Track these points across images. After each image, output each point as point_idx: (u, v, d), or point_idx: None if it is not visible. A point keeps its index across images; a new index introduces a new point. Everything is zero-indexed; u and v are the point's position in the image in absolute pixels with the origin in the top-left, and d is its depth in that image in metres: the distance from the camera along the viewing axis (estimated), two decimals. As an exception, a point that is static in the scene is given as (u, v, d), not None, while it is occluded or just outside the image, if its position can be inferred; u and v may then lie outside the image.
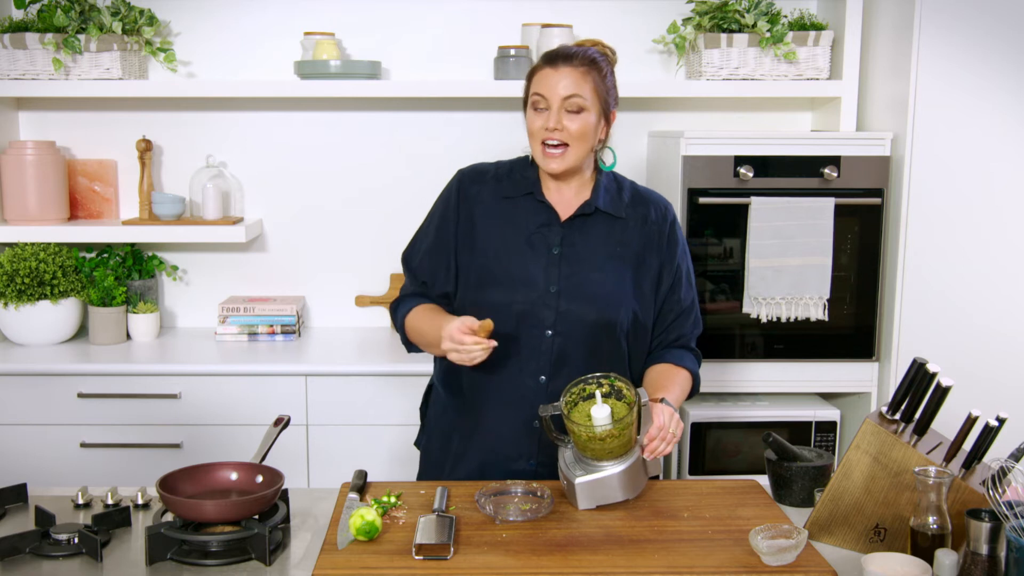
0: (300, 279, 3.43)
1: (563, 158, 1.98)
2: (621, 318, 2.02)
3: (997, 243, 2.85)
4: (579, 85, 1.95)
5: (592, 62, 1.98)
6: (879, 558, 1.56)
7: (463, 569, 1.60)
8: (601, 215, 2.06)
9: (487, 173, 2.11)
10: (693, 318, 2.14)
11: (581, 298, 2.00)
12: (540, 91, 1.97)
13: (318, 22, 3.28)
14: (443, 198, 2.13)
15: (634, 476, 1.83)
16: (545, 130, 1.97)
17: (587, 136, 1.98)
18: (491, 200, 2.07)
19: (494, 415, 2.04)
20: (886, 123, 2.96)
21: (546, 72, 1.97)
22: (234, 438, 2.88)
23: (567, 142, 1.97)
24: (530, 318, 2.00)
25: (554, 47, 2.06)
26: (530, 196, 2.06)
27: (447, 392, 2.13)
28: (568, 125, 1.96)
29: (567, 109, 1.95)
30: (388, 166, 3.37)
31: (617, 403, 1.85)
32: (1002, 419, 1.68)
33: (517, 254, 2.03)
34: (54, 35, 3.02)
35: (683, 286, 2.11)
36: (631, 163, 3.27)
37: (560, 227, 2.04)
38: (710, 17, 3.07)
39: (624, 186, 2.13)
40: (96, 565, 1.64)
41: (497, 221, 2.05)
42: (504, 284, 2.01)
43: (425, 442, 2.22)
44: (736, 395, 3.05)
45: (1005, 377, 2.87)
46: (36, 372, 2.88)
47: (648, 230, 2.08)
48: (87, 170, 3.30)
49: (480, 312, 1.95)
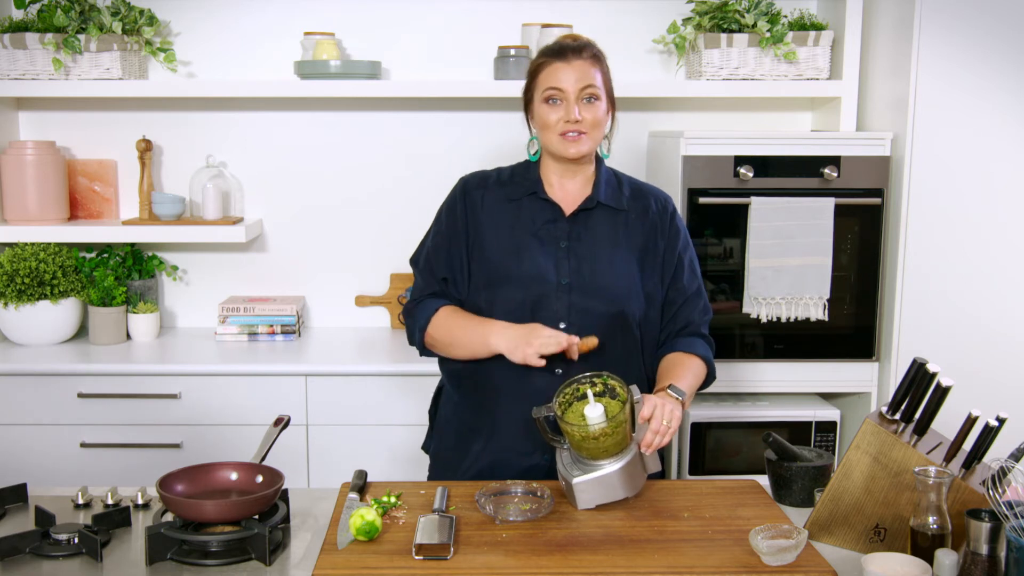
0: (300, 279, 3.43)
1: (583, 144, 2.02)
2: (632, 309, 2.05)
3: (997, 243, 2.85)
4: (592, 75, 2.01)
5: (597, 54, 2.05)
6: (879, 558, 1.56)
7: (463, 569, 1.60)
8: (603, 208, 2.09)
9: (489, 178, 2.15)
10: (701, 305, 2.16)
11: (592, 290, 2.03)
12: (556, 85, 2.00)
13: (318, 22, 3.28)
14: (448, 204, 2.15)
15: (632, 473, 1.83)
16: (565, 122, 2.00)
17: (601, 124, 2.04)
18: (496, 203, 2.10)
19: (509, 409, 2.05)
20: (886, 123, 2.96)
21: (557, 66, 2.01)
22: (234, 438, 2.88)
23: (584, 131, 2.01)
24: (543, 311, 2.02)
25: (551, 43, 2.08)
26: (534, 195, 2.09)
27: (460, 391, 2.14)
28: (585, 115, 2.00)
29: (582, 99, 2.00)
30: (388, 166, 3.37)
31: (611, 402, 1.85)
32: (1002, 419, 1.68)
33: (526, 250, 2.06)
34: (54, 35, 3.02)
35: (686, 273, 2.13)
36: (631, 163, 3.27)
37: (566, 222, 2.07)
38: (710, 17, 3.07)
39: (623, 181, 2.17)
40: (96, 565, 1.64)
41: (503, 222, 2.08)
42: (516, 280, 2.04)
43: (436, 444, 2.23)
44: (736, 395, 3.05)
45: (1005, 377, 2.87)
46: (36, 372, 2.88)
47: (650, 222, 2.11)
48: (87, 170, 3.30)
49: (491, 309, 2.02)
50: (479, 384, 2.09)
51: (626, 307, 2.04)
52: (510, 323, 2.00)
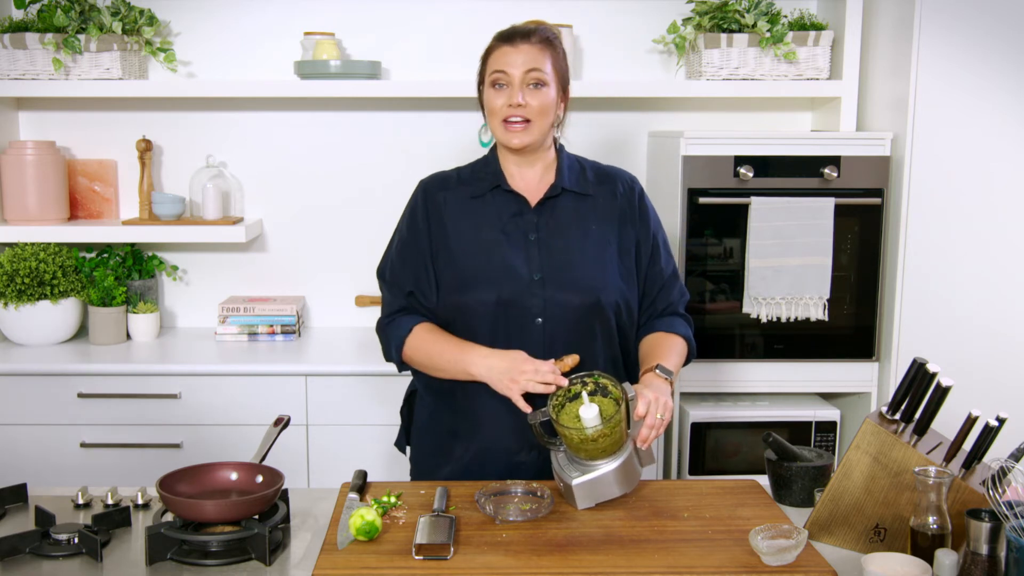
0: (300, 279, 3.43)
1: (526, 133, 1.99)
2: (607, 298, 2.02)
3: (997, 243, 2.85)
4: (539, 60, 1.98)
5: (548, 39, 2.02)
6: (879, 558, 1.56)
7: (463, 569, 1.60)
8: (569, 195, 2.07)
9: (450, 179, 2.12)
10: (678, 287, 2.15)
11: (566, 282, 2.01)
12: (501, 68, 1.98)
13: (318, 22, 3.28)
14: (409, 209, 2.12)
15: (629, 470, 1.84)
16: (508, 107, 1.98)
17: (548, 111, 2.00)
18: (459, 203, 2.07)
19: (491, 409, 2.02)
20: (886, 123, 2.96)
21: (505, 50, 2.00)
22: (234, 438, 2.88)
23: (529, 118, 1.98)
24: (518, 308, 2.00)
25: (505, 28, 2.07)
26: (497, 189, 2.07)
27: (435, 396, 2.11)
28: (530, 101, 1.97)
29: (528, 84, 1.97)
30: (388, 166, 3.37)
31: (604, 400, 1.85)
32: (1002, 419, 1.68)
33: (495, 247, 2.03)
34: (54, 35, 3.02)
35: (662, 255, 2.12)
36: (631, 163, 3.27)
37: (532, 213, 2.05)
38: (710, 17, 3.07)
39: (586, 165, 2.14)
40: (96, 565, 1.64)
41: (469, 221, 2.05)
42: (487, 279, 2.01)
43: (414, 449, 2.20)
44: (736, 395, 3.05)
45: (1005, 377, 2.87)
46: (36, 372, 2.88)
47: (618, 204, 2.09)
48: (87, 170, 3.30)
49: (465, 311, 1.99)
50: (457, 385, 2.05)
51: (602, 295, 2.01)
52: (491, 350, 1.96)
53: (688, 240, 2.89)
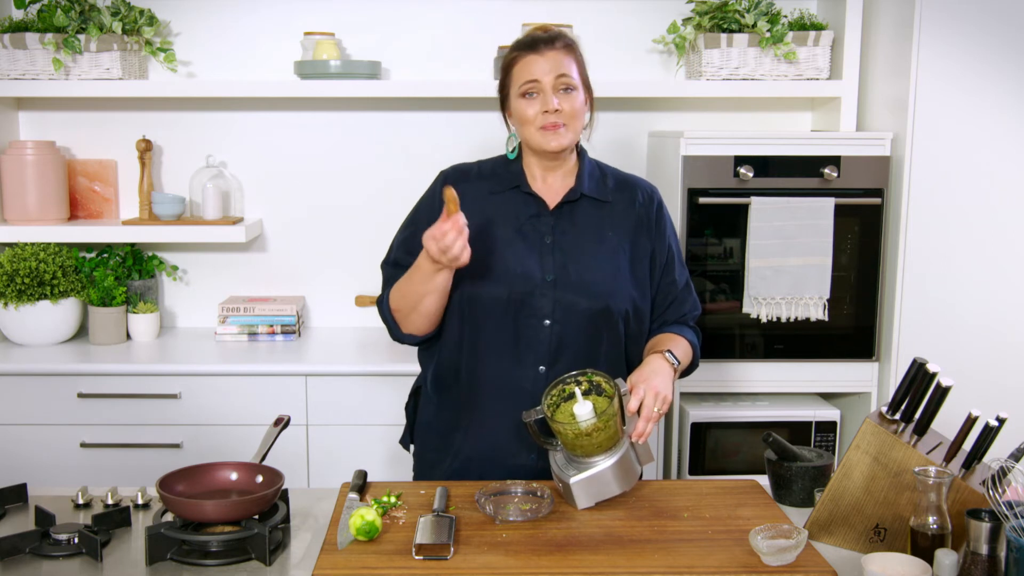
0: (300, 279, 3.43)
1: (563, 136, 1.99)
2: (618, 304, 2.03)
3: (997, 243, 2.85)
4: (566, 65, 1.98)
5: (570, 44, 2.02)
6: (879, 558, 1.56)
7: (463, 569, 1.60)
8: (588, 200, 2.07)
9: (470, 172, 2.12)
10: (691, 300, 2.15)
11: (578, 286, 2.01)
12: (531, 77, 1.98)
13: (318, 22, 3.28)
14: (428, 197, 2.13)
15: (627, 467, 1.84)
16: (544, 114, 1.97)
17: (580, 114, 2.01)
18: (478, 197, 2.06)
19: (494, 409, 2.03)
20: (886, 123, 2.96)
21: (531, 58, 1.99)
22: (234, 438, 2.88)
23: (565, 122, 1.98)
24: (528, 308, 2.00)
25: (522, 36, 2.06)
26: (516, 189, 2.07)
27: (440, 392, 2.11)
28: (563, 105, 1.97)
29: (559, 89, 1.97)
30: (388, 166, 3.37)
31: (598, 398, 1.85)
32: (1002, 419, 1.68)
33: (510, 246, 2.03)
34: (54, 35, 3.02)
35: (676, 267, 2.12)
36: (631, 163, 3.27)
37: (550, 216, 2.05)
38: (710, 17, 3.07)
39: (607, 172, 2.14)
40: (96, 565, 1.64)
41: (486, 216, 2.04)
42: (500, 277, 2.01)
43: (418, 445, 2.21)
44: (736, 395, 3.05)
45: (1005, 377, 2.87)
46: (36, 372, 2.88)
47: (636, 213, 2.09)
48: (87, 170, 3.30)
49: (475, 302, 1.99)
50: (461, 382, 2.06)
51: (611, 302, 2.02)
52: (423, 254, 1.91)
53: (688, 240, 2.89)
